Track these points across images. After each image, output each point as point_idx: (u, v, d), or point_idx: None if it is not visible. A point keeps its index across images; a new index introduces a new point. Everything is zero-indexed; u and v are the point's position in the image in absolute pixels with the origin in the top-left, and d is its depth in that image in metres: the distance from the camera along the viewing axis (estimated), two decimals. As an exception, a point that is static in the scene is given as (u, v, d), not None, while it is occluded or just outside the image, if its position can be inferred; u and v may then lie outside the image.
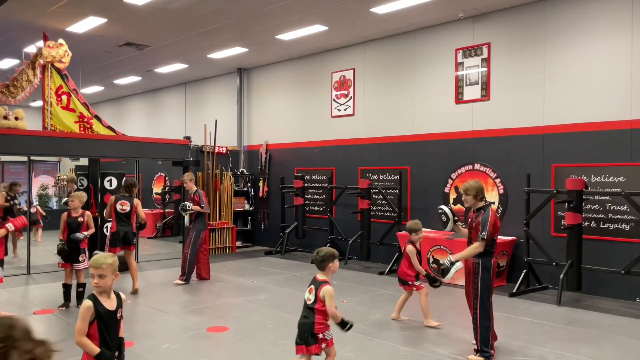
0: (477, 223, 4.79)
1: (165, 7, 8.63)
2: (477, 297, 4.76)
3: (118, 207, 7.56)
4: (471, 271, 4.83)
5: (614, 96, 7.41)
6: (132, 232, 7.66)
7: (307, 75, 11.83)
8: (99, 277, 3.09)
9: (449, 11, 8.70)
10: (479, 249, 4.71)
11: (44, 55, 9.40)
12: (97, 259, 3.11)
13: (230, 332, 5.73)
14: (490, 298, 4.78)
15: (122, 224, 7.55)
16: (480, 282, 4.74)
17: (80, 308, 3.07)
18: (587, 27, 7.67)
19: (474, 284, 4.79)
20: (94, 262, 3.11)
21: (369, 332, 5.69)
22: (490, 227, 4.68)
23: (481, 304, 4.75)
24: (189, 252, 8.24)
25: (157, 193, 15.10)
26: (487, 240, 4.68)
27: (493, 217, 4.74)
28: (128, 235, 7.57)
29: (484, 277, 4.74)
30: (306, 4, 8.46)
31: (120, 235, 7.53)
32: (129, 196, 7.71)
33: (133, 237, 7.69)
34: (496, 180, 8.61)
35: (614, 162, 7.37)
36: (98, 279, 3.08)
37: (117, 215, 7.56)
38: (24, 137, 8.84)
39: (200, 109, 14.81)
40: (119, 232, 7.52)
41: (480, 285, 4.74)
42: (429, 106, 9.54)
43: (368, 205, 9.73)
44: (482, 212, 4.80)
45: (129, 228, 7.57)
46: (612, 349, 5.26)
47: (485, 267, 4.75)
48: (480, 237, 4.70)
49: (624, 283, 7.20)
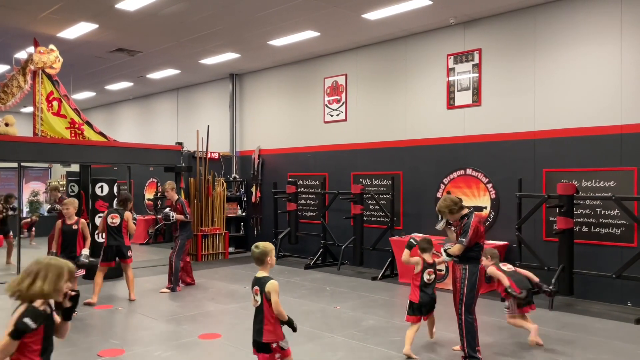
0: (459, 229, 4.84)
1: (157, 12, 8.62)
2: (462, 303, 4.79)
3: (109, 220, 7.52)
4: (458, 277, 4.85)
5: (604, 101, 7.47)
6: (125, 245, 7.57)
7: (299, 81, 11.84)
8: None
9: (440, 17, 8.75)
10: (456, 251, 4.77)
11: (35, 61, 9.35)
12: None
13: (222, 339, 5.70)
14: (474, 303, 4.80)
15: (113, 237, 7.50)
16: (467, 288, 4.76)
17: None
18: (576, 34, 7.74)
19: (460, 289, 4.82)
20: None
21: (362, 338, 5.68)
22: (471, 232, 4.71)
23: (466, 309, 4.77)
24: (174, 261, 8.21)
25: (149, 199, 15.03)
26: (467, 245, 4.72)
27: (474, 223, 4.75)
28: (121, 249, 7.51)
29: (470, 282, 4.76)
30: (298, 10, 8.48)
31: (114, 249, 7.50)
32: (122, 209, 7.66)
33: (127, 250, 7.56)
34: (488, 185, 8.65)
35: (604, 167, 7.42)
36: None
37: (108, 228, 7.52)
38: (15, 143, 8.77)
39: (192, 115, 14.78)
40: (111, 246, 7.48)
41: (466, 291, 4.76)
42: (420, 111, 9.58)
43: (361, 211, 9.73)
44: (465, 219, 4.82)
45: (120, 242, 7.50)
46: (604, 353, 5.28)
47: (472, 273, 4.77)
48: (459, 241, 4.77)
49: (615, 287, 7.23)
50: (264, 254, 3.83)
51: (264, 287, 3.70)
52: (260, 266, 3.85)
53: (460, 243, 4.74)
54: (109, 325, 6.39)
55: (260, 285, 3.75)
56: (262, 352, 3.71)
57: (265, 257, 3.83)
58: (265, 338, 3.68)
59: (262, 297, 3.73)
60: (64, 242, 6.58)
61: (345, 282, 8.87)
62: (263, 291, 3.72)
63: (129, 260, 7.57)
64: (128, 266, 7.57)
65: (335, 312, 6.85)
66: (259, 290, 3.75)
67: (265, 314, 3.70)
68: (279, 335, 3.73)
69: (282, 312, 3.71)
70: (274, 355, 3.69)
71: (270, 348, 3.68)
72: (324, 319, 6.56)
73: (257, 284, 3.79)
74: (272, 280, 3.73)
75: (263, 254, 3.83)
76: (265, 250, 3.83)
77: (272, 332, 3.69)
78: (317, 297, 7.60)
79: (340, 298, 7.62)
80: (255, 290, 3.79)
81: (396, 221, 9.59)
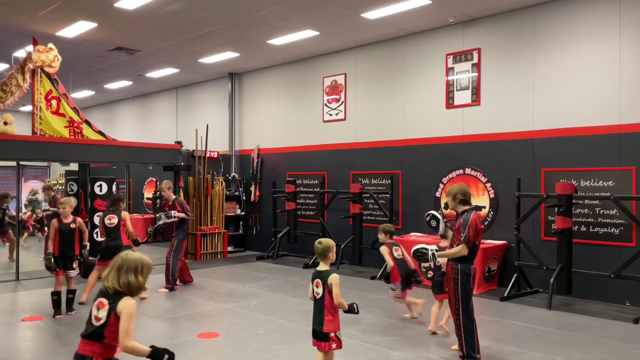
0: (459, 225, 4.80)
1: (156, 11, 8.61)
2: (457, 303, 4.76)
3: (106, 222, 7.54)
4: (451, 276, 4.82)
5: (603, 101, 7.47)
6: (123, 245, 7.56)
7: (298, 80, 11.84)
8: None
9: (440, 17, 8.75)
10: (462, 251, 4.69)
11: (34, 60, 9.34)
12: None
13: (221, 338, 5.70)
14: (470, 303, 4.76)
15: (111, 238, 7.51)
16: (460, 287, 4.73)
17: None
18: (576, 33, 7.74)
19: (454, 289, 4.79)
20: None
21: (360, 337, 5.68)
22: (470, 229, 4.65)
23: (462, 309, 4.74)
24: (171, 261, 8.21)
25: (148, 198, 15.02)
26: (467, 242, 4.65)
27: (474, 220, 4.70)
28: (119, 249, 7.49)
29: (463, 282, 4.73)
30: (297, 9, 8.48)
31: (112, 249, 7.48)
32: (116, 210, 7.67)
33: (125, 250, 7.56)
34: (487, 185, 8.65)
35: (603, 167, 7.43)
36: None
37: (106, 229, 7.54)
38: (13, 142, 8.77)
39: (191, 114, 14.77)
40: (109, 246, 7.49)
41: (460, 290, 4.73)
42: (420, 111, 9.58)
43: (360, 210, 9.73)
44: (464, 215, 4.80)
45: (118, 242, 7.49)
46: (603, 352, 5.28)
47: (464, 273, 4.73)
48: (459, 241, 4.71)
49: (614, 286, 7.24)
50: (326, 249, 4.15)
51: (326, 280, 4.02)
52: (323, 260, 4.17)
53: (460, 242, 4.68)
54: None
55: (322, 278, 4.06)
56: (321, 341, 4.04)
57: (327, 252, 4.16)
58: (325, 328, 4.00)
59: (323, 289, 4.03)
60: (62, 241, 6.56)
61: (344, 281, 8.74)
62: (325, 283, 4.02)
63: None
64: None
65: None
66: (321, 282, 4.05)
67: (325, 305, 4.01)
68: (337, 326, 4.05)
69: (343, 303, 4.01)
70: (331, 344, 4.02)
71: (328, 337, 4.00)
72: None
73: (318, 277, 4.10)
74: (334, 274, 4.04)
75: (326, 249, 4.15)
76: (328, 246, 4.17)
77: (331, 322, 4.02)
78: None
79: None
80: (316, 283, 4.09)
81: (395, 220, 9.59)
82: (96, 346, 2.94)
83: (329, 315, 4.00)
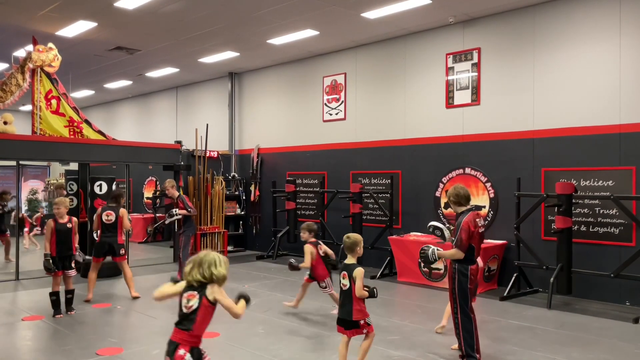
0: (455, 227, 4.81)
1: (156, 11, 8.60)
2: (455, 302, 4.77)
3: (104, 218, 7.52)
4: (449, 276, 4.84)
5: (603, 101, 7.47)
6: (118, 242, 7.55)
7: (298, 80, 11.84)
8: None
9: (440, 16, 8.75)
10: (457, 255, 4.66)
11: (34, 59, 9.34)
12: None
13: (220, 337, 5.69)
14: (469, 302, 4.75)
15: (107, 234, 7.50)
16: (457, 287, 4.73)
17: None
18: (576, 33, 7.74)
19: (451, 289, 4.80)
20: None
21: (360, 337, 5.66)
22: (462, 232, 4.61)
23: (460, 308, 4.74)
24: (181, 257, 8.31)
25: (148, 197, 15.02)
26: (460, 247, 4.61)
27: (466, 223, 4.64)
28: (113, 246, 7.50)
29: (460, 282, 4.72)
30: (297, 9, 8.47)
31: (105, 246, 7.49)
32: (116, 206, 7.66)
33: (120, 248, 7.53)
34: (487, 185, 8.65)
35: (603, 166, 7.43)
36: None
37: (103, 225, 7.53)
38: (13, 141, 8.77)
39: (191, 113, 14.76)
40: (103, 243, 7.49)
41: (457, 290, 4.73)
42: (419, 111, 9.58)
43: (360, 210, 9.73)
44: (461, 216, 4.77)
45: (113, 239, 7.49)
46: (603, 352, 5.28)
47: (461, 273, 4.71)
48: (454, 244, 4.68)
49: (613, 286, 7.24)
50: (354, 244, 4.48)
51: (352, 272, 4.34)
52: (350, 254, 4.49)
53: (454, 244, 4.66)
54: (107, 323, 6.38)
55: (349, 271, 4.38)
56: (352, 329, 4.37)
57: (355, 247, 4.48)
58: (355, 317, 4.33)
59: (349, 281, 4.36)
60: (59, 241, 6.53)
61: (344, 281, 8.86)
62: (351, 276, 4.34)
63: (121, 257, 7.55)
64: (123, 264, 7.56)
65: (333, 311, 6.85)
66: (347, 274, 4.38)
67: (353, 295, 4.33)
68: (366, 313, 4.39)
69: (364, 294, 4.33)
70: (362, 330, 4.38)
71: (359, 324, 4.36)
72: (322, 317, 6.57)
73: (345, 269, 4.42)
74: (359, 267, 4.38)
75: (354, 243, 4.48)
76: (356, 241, 4.49)
77: (360, 311, 4.35)
78: (316, 296, 7.58)
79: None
80: (343, 275, 4.41)
81: (395, 220, 9.59)
82: (184, 334, 3.37)
83: (357, 305, 4.32)
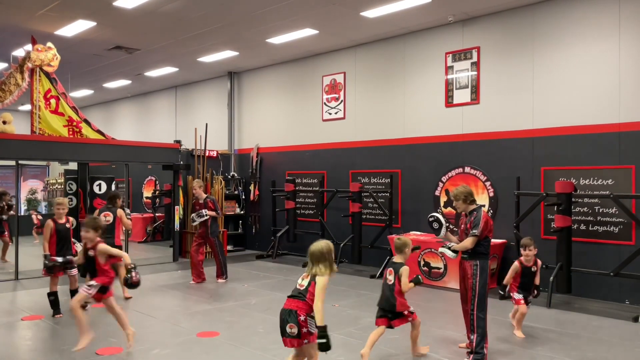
0: (469, 223, 4.91)
1: (155, 10, 8.59)
2: (474, 299, 4.84)
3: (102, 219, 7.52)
4: (469, 274, 4.89)
5: (602, 100, 7.47)
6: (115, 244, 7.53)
7: (297, 79, 11.83)
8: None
9: (439, 15, 8.74)
10: (469, 244, 4.84)
11: (33, 59, 9.33)
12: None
13: (221, 337, 5.70)
14: (486, 299, 4.87)
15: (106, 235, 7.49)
16: (479, 283, 4.84)
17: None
18: (575, 32, 7.74)
19: (472, 286, 4.86)
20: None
21: (361, 337, 5.67)
22: (482, 224, 4.83)
23: (479, 305, 4.82)
24: (220, 256, 8.78)
25: (147, 197, 15.01)
26: (480, 236, 4.80)
27: (485, 217, 4.89)
28: None
29: (483, 278, 4.85)
30: (296, 8, 8.47)
31: None
32: (112, 207, 7.66)
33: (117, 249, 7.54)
34: (486, 183, 8.65)
35: (602, 165, 7.43)
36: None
37: None
38: (12, 141, 8.76)
39: (190, 113, 14.76)
40: None
41: (479, 287, 4.84)
42: (419, 109, 9.57)
43: (359, 209, 9.73)
44: (475, 213, 4.94)
45: (111, 240, 7.48)
46: (602, 350, 5.29)
47: (483, 269, 4.86)
48: (471, 234, 4.83)
49: (613, 285, 7.25)
50: (404, 245, 4.93)
51: (398, 270, 4.81)
52: (399, 254, 4.94)
53: (473, 235, 4.82)
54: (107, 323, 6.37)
55: (395, 268, 4.85)
56: (395, 319, 4.82)
57: (404, 248, 4.92)
58: (398, 308, 4.80)
59: (394, 277, 4.82)
60: (60, 241, 6.51)
61: (343, 280, 8.87)
62: (397, 273, 4.81)
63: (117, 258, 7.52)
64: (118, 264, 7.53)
65: (334, 310, 6.85)
66: (393, 271, 4.85)
67: (396, 290, 4.79)
68: (407, 305, 4.85)
69: (410, 287, 4.77)
70: (407, 319, 4.84)
71: (403, 314, 4.82)
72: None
73: (391, 267, 4.89)
74: (405, 266, 4.84)
75: (404, 244, 4.93)
76: (405, 242, 4.94)
77: (402, 304, 4.82)
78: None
79: (339, 296, 7.62)
80: (389, 271, 4.89)
81: (394, 219, 9.59)
82: (300, 302, 3.91)
83: (400, 298, 4.77)
